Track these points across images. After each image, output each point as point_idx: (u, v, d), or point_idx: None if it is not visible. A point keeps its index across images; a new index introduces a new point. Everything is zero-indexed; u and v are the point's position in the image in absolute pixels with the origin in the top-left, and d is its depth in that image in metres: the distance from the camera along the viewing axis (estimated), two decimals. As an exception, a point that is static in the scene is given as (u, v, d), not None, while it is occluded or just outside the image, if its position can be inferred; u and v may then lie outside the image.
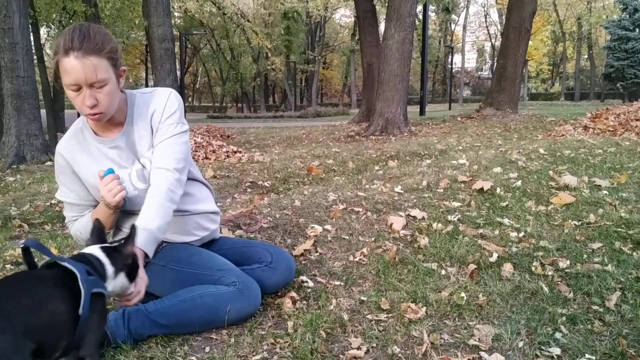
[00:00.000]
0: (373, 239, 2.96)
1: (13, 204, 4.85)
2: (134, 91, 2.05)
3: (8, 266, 2.75)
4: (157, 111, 1.99)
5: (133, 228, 1.66)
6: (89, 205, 2.04)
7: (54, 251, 2.94)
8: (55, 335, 1.30)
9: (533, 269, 2.39)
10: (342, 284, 2.39)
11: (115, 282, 1.56)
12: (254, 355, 1.78)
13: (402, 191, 3.95)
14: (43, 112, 10.21)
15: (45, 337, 1.26)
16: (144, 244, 1.73)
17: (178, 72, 18.85)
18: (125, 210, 2.02)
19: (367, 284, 2.38)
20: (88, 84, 1.75)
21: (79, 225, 2.03)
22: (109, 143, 1.98)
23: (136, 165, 2.00)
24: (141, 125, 1.99)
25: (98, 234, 1.69)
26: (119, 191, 1.87)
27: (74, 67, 1.71)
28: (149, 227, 1.76)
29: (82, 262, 1.47)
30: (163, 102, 2.00)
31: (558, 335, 1.83)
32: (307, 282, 2.39)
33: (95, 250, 1.57)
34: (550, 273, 2.34)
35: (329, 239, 2.97)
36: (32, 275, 1.40)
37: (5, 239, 3.56)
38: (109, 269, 1.54)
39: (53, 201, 4.76)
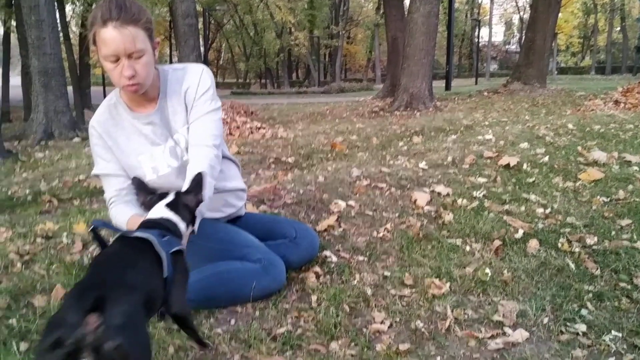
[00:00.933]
0: (397, 214, 2.95)
1: (42, 180, 4.96)
2: (166, 66, 2.03)
3: (39, 240, 2.82)
4: (191, 88, 1.97)
5: (198, 176, 1.61)
6: (127, 176, 1.99)
7: (83, 226, 3.00)
8: (158, 299, 1.35)
9: (559, 245, 2.36)
10: (365, 259, 2.40)
11: (187, 233, 1.60)
12: (278, 328, 1.80)
13: (426, 167, 3.92)
14: (70, 89, 10.33)
15: (152, 301, 1.31)
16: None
17: (202, 49, 18.84)
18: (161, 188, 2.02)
19: (390, 260, 2.38)
20: (127, 54, 1.72)
21: (115, 213, 1.96)
22: (143, 119, 1.96)
23: (169, 142, 1.99)
24: (175, 101, 1.98)
25: (141, 186, 1.67)
26: None
27: (112, 38, 1.69)
28: None
29: (153, 227, 1.47)
30: (196, 79, 1.99)
31: (584, 312, 1.81)
32: (330, 257, 2.40)
33: (163, 211, 1.55)
34: (577, 250, 2.31)
35: (353, 214, 2.97)
36: (123, 248, 1.41)
37: (35, 213, 3.65)
38: (182, 225, 1.55)
39: (81, 177, 4.85)
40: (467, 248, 2.42)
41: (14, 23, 16.63)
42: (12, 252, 2.56)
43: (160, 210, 1.54)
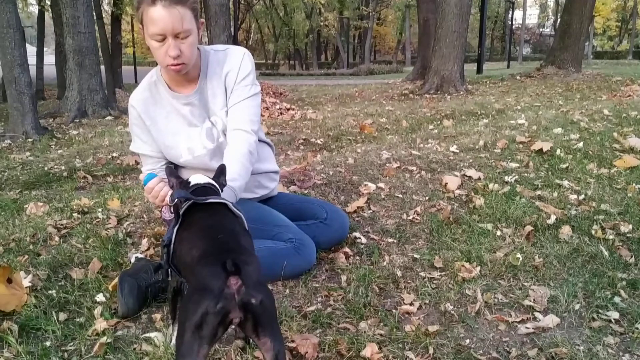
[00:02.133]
0: (427, 198, 2.95)
1: (77, 156, 5.07)
2: (207, 47, 2.03)
3: (75, 215, 2.90)
4: (232, 72, 1.97)
5: (222, 167, 1.63)
6: (162, 157, 2.06)
7: (117, 202, 3.07)
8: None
9: (593, 232, 2.33)
10: (395, 241, 2.40)
11: None
12: (308, 307, 1.83)
13: (457, 151, 3.89)
14: (102, 68, 10.47)
15: None
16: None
17: (232, 29, 18.85)
18: (194, 169, 2.04)
19: (420, 242, 2.39)
20: (174, 34, 1.73)
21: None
22: (183, 99, 1.98)
23: (206, 123, 2.00)
24: (215, 83, 1.98)
25: (172, 173, 1.65)
26: (165, 194, 1.77)
27: (161, 16, 1.70)
28: (233, 185, 1.75)
29: (206, 192, 1.51)
30: (237, 63, 1.98)
31: (617, 299, 1.79)
32: (360, 238, 2.41)
33: (205, 178, 1.58)
34: (610, 237, 2.28)
35: (382, 197, 2.98)
36: (217, 215, 1.45)
37: (71, 189, 3.74)
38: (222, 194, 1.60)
39: (114, 154, 4.94)
40: (498, 233, 2.40)
41: (48, 2, 16.87)
42: (50, 226, 2.64)
43: (202, 177, 1.57)
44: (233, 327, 1.17)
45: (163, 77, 1.98)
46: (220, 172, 1.62)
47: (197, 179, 1.56)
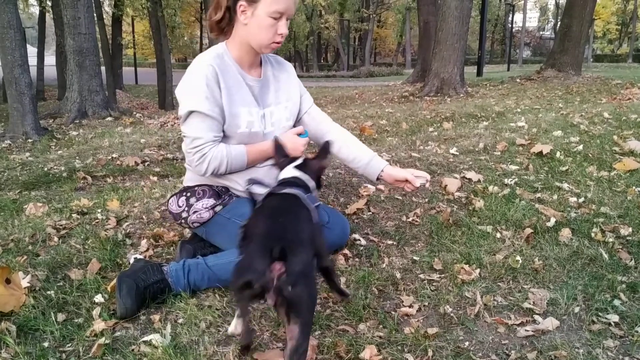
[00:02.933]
0: (427, 200, 2.94)
1: (77, 157, 5.07)
2: None
3: (74, 215, 2.89)
4: (295, 76, 2.28)
5: (326, 144, 1.88)
6: (220, 121, 2.00)
7: (116, 203, 3.07)
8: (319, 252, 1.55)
9: (592, 235, 2.33)
10: (394, 243, 2.40)
11: (316, 192, 1.79)
12: (307, 308, 1.82)
13: (457, 153, 3.89)
14: (102, 69, 10.48)
15: (318, 254, 1.52)
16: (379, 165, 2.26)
17: (232, 30, 18.82)
18: (242, 142, 2.10)
19: (419, 244, 2.38)
20: (288, 15, 1.95)
21: (223, 149, 2.00)
22: (249, 80, 2.09)
23: (262, 110, 2.11)
24: (281, 78, 2.21)
25: (279, 149, 1.92)
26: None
27: None
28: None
29: (294, 185, 1.68)
30: (294, 73, 2.30)
31: (617, 302, 1.79)
32: (359, 240, 2.41)
33: (293, 171, 1.77)
34: (610, 240, 2.28)
35: (382, 198, 2.97)
36: (284, 203, 1.60)
37: (70, 189, 3.74)
38: (311, 184, 1.76)
39: (114, 155, 4.94)
40: (498, 235, 2.40)
41: (49, 3, 16.89)
42: (49, 227, 2.64)
43: (290, 171, 1.77)
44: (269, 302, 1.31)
45: (232, 54, 2.06)
46: (323, 151, 1.85)
47: (285, 173, 1.78)
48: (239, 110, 2.02)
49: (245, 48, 2.04)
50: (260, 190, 1.80)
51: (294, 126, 2.24)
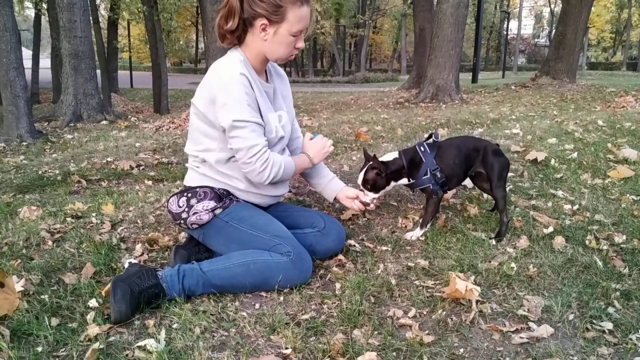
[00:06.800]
0: (421, 206, 2.95)
1: (72, 160, 5.05)
2: None
3: (69, 219, 2.88)
4: (288, 86, 2.38)
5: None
6: (263, 128, 2.08)
7: (111, 207, 3.06)
8: None
9: (587, 242, 2.34)
10: (389, 249, 2.40)
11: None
12: (302, 314, 1.82)
13: (452, 159, 3.89)
14: (98, 72, 10.45)
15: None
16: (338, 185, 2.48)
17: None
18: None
19: (414, 251, 2.39)
20: (306, 30, 2.07)
21: (276, 157, 2.09)
22: (265, 86, 2.15)
23: (277, 113, 2.20)
24: (284, 88, 2.34)
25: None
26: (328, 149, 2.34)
27: (308, 15, 2.02)
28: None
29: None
30: (287, 79, 2.41)
31: (611, 310, 1.79)
32: (354, 246, 2.41)
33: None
34: (604, 247, 2.29)
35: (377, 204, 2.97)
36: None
37: (65, 193, 3.72)
38: None
39: (109, 159, 4.93)
40: (493, 242, 2.40)
41: (45, 5, 16.86)
42: (43, 230, 2.63)
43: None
44: None
45: (250, 62, 2.11)
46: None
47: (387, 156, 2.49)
48: (268, 117, 2.09)
49: (260, 58, 2.11)
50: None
51: None
